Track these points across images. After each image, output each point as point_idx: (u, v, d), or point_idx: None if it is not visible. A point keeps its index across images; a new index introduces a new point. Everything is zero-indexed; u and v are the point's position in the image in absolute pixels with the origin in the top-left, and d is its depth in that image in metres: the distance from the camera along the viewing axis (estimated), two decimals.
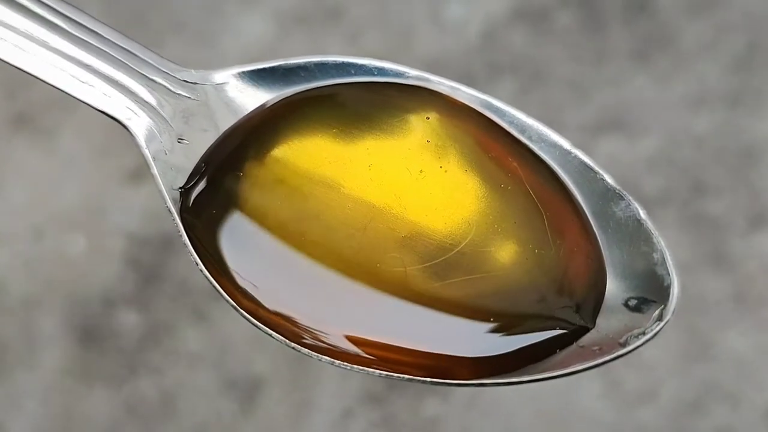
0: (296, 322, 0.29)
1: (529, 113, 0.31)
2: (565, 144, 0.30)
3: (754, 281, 0.61)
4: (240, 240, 0.30)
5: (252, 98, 0.31)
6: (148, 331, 0.61)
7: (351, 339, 0.29)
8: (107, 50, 0.30)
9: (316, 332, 0.29)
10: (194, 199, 0.30)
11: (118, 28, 0.30)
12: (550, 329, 0.29)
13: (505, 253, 0.29)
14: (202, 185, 0.30)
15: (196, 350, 0.61)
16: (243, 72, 0.31)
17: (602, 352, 0.28)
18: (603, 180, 0.30)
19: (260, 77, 0.31)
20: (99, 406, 0.61)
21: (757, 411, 0.60)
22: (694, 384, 0.60)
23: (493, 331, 0.29)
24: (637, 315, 0.29)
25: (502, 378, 0.28)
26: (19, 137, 0.64)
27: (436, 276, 0.29)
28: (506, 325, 0.29)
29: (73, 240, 0.63)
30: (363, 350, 0.29)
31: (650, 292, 0.29)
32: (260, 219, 0.30)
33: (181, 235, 0.29)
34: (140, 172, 0.63)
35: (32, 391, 0.61)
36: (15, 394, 0.61)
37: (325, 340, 0.29)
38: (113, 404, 0.61)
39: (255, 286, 0.29)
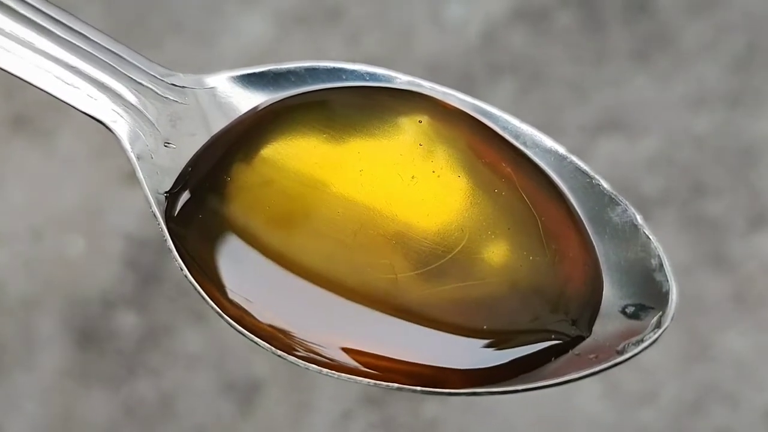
0: (284, 330, 0.29)
1: (529, 113, 0.31)
2: (560, 149, 0.30)
3: (754, 281, 0.61)
4: (227, 245, 0.29)
5: (242, 103, 0.31)
6: (146, 332, 0.61)
7: (340, 347, 0.28)
8: (94, 53, 0.29)
9: (304, 341, 0.29)
10: (180, 204, 0.29)
11: (117, 28, 0.30)
12: (545, 340, 0.28)
13: (499, 260, 0.29)
14: (188, 189, 0.30)
15: (195, 351, 0.61)
16: (233, 76, 0.31)
17: (599, 360, 0.28)
18: (599, 185, 0.30)
19: (250, 82, 0.31)
20: (98, 408, 0.61)
21: (756, 411, 0.60)
22: (694, 385, 0.60)
23: (487, 341, 0.28)
24: (634, 322, 0.29)
25: (496, 387, 0.28)
26: (17, 138, 0.64)
27: (428, 283, 0.28)
28: (500, 335, 0.28)
29: (71, 241, 0.63)
30: (353, 358, 0.28)
31: (648, 299, 0.29)
32: (248, 224, 0.29)
33: (165, 240, 0.29)
34: None
35: (31, 392, 0.61)
36: (14, 395, 0.61)
37: (313, 348, 0.28)
38: (112, 405, 0.61)
39: (242, 292, 0.29)
